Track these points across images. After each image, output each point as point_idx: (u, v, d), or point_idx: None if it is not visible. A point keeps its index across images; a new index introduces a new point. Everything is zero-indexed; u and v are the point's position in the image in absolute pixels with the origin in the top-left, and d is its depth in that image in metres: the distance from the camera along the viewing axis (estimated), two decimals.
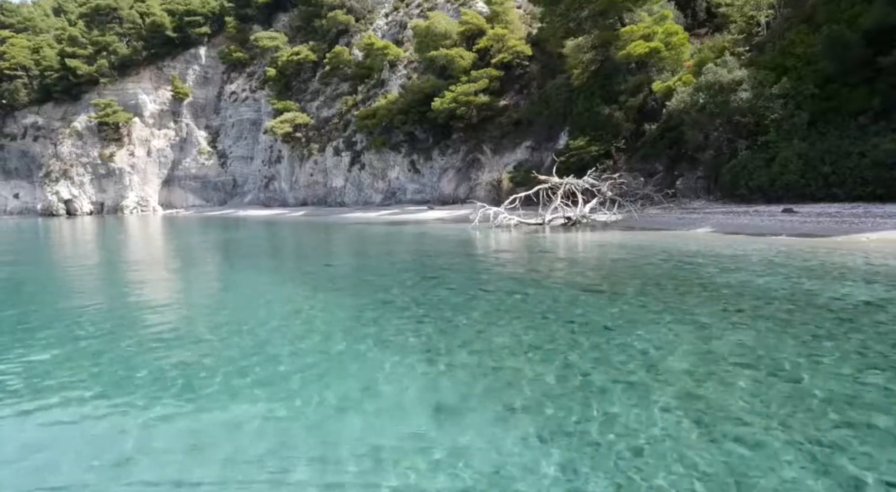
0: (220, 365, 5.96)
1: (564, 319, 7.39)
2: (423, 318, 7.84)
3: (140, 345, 6.89)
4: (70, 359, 6.51)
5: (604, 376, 5.24)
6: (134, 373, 5.83)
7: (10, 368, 6.17)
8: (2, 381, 5.76)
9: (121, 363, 6.18)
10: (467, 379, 5.40)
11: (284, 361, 6.08)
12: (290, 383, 5.44)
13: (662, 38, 25.07)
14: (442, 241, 20.43)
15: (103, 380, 5.76)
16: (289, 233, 29.65)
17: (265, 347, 6.67)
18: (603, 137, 29.34)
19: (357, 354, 6.31)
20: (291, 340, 6.95)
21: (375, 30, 60.65)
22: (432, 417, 4.55)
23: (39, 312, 9.24)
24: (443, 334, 6.97)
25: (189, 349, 6.66)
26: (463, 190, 40.91)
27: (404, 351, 6.30)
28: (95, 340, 7.24)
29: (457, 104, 40.15)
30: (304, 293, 10.02)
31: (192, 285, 11.38)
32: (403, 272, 12.31)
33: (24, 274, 13.90)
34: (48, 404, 5.14)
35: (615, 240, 17.14)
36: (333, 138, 53.02)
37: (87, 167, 73.25)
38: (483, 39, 41.94)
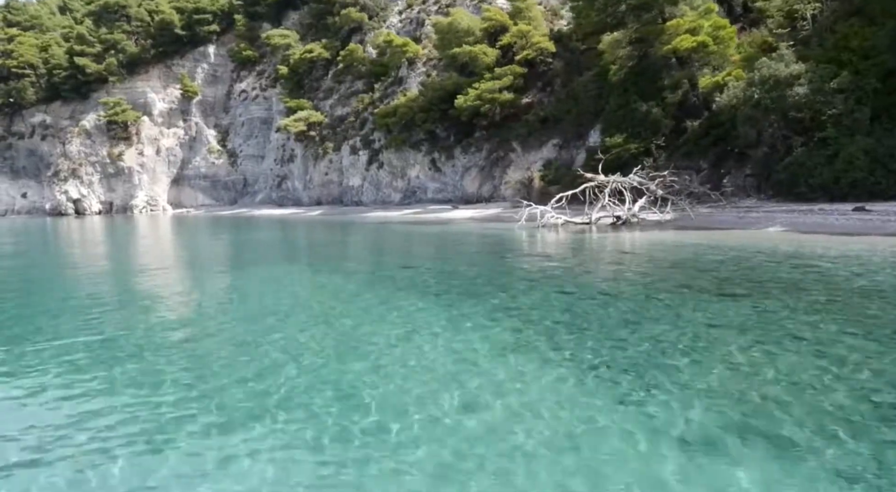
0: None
1: (759, 329, 6.45)
2: (579, 330, 6.90)
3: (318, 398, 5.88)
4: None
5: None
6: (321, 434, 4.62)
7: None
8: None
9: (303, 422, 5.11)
10: (725, 405, 4.45)
11: (488, 401, 5.13)
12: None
13: (710, 32, 24.12)
14: (499, 241, 19.45)
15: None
16: (324, 233, 28.47)
17: (448, 382, 5.71)
18: (641, 135, 28.40)
19: (558, 382, 5.35)
20: (465, 367, 6.00)
21: (389, 27, 59.57)
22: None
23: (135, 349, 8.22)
24: (619, 351, 6.02)
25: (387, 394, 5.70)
26: (487, 189, 39.92)
27: (607, 380, 5.35)
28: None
29: (481, 102, 39.16)
30: (416, 304, 9.04)
31: (295, 301, 9.52)
32: (500, 276, 11.31)
33: (48, 284, 12.78)
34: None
35: (686, 239, 16.19)
36: (350, 137, 51.92)
37: (96, 166, 71.94)
38: (506, 36, 40.90)
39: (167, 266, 15.44)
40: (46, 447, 4.27)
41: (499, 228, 24.27)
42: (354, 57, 57.14)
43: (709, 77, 25.10)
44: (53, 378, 5.79)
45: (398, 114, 43.71)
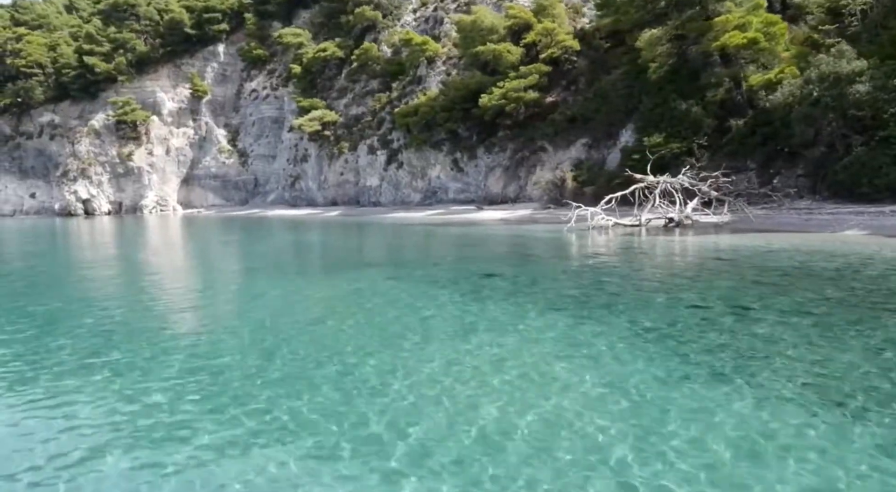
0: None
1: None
2: (751, 353, 5.98)
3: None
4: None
5: None
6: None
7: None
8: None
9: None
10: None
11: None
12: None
13: (760, 28, 23.20)
14: (560, 245, 18.50)
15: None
16: (361, 235, 27.30)
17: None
18: (681, 134, 27.48)
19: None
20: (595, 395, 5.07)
21: (404, 26, 58.58)
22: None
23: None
24: (825, 376, 5.10)
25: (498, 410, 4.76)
26: (512, 189, 38.96)
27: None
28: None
29: (506, 101, 38.19)
30: (550, 321, 8.10)
31: (416, 323, 7.98)
32: (609, 286, 10.36)
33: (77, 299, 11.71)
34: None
35: (756, 243, 15.25)
36: (367, 136, 50.89)
37: (106, 166, 70.76)
38: (531, 34, 39.90)
39: (220, 280, 14.36)
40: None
41: (544, 230, 23.32)
42: (369, 56, 56.12)
43: (759, 75, 24.15)
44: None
45: (419, 113, 42.69)
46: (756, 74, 24.44)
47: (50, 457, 4.28)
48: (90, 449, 4.37)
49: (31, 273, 14.88)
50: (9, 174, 74.65)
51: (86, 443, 4.46)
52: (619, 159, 30.52)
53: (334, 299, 9.93)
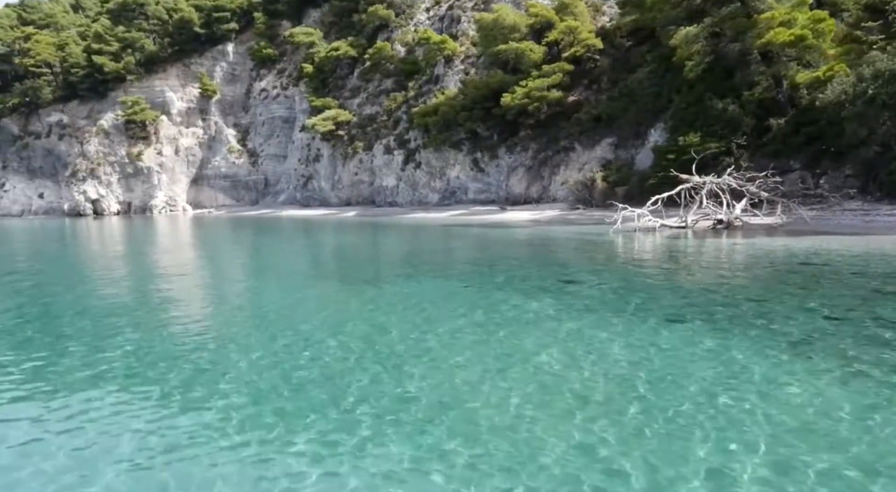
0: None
1: None
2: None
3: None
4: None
5: None
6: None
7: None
8: None
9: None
10: None
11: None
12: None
13: (807, 24, 22.48)
14: (612, 246, 17.78)
15: None
16: (391, 236, 26.51)
17: None
18: (717, 133, 26.76)
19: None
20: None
21: (417, 25, 57.81)
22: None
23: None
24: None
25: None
26: (536, 190, 38.21)
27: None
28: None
29: (529, 100, 37.48)
30: (638, 329, 7.38)
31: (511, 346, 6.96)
32: (705, 294, 9.65)
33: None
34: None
35: (831, 246, 14.52)
36: (382, 136, 50.09)
37: (115, 166, 69.86)
38: (554, 32, 39.19)
39: (253, 290, 13.55)
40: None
41: (586, 231, 22.56)
42: (383, 55, 55.34)
43: (807, 72, 23.40)
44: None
45: (439, 113, 41.91)
46: (802, 72, 23.69)
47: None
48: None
49: (51, 284, 14.07)
50: (17, 174, 73.73)
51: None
52: (652, 159, 29.76)
53: (430, 313, 9.14)
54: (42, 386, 6.05)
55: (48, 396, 5.75)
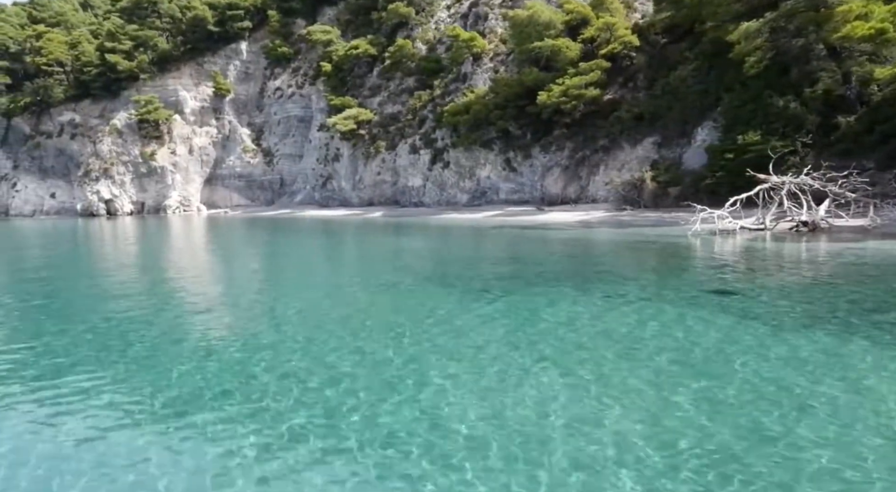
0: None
1: None
2: None
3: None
4: None
5: None
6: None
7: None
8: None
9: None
10: None
11: None
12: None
13: (887, 17, 21.28)
14: (707, 251, 16.52)
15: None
16: (439, 238, 25.16)
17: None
18: (779, 132, 25.57)
19: None
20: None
21: (438, 22, 56.48)
22: None
23: None
24: None
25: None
26: (573, 190, 36.97)
27: None
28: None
29: (566, 98, 36.26)
30: (846, 352, 6.19)
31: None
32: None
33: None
34: None
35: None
36: (407, 135, 48.75)
37: (128, 166, 68.22)
38: (590, 29, 37.96)
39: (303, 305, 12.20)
40: None
41: (654, 234, 21.32)
42: (404, 53, 54.01)
43: (887, 68, 22.19)
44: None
45: (471, 112, 40.59)
46: (881, 68, 22.49)
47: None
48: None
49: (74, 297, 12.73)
50: (29, 174, 72.03)
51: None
52: (706, 159, 28.56)
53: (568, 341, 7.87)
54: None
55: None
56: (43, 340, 8.12)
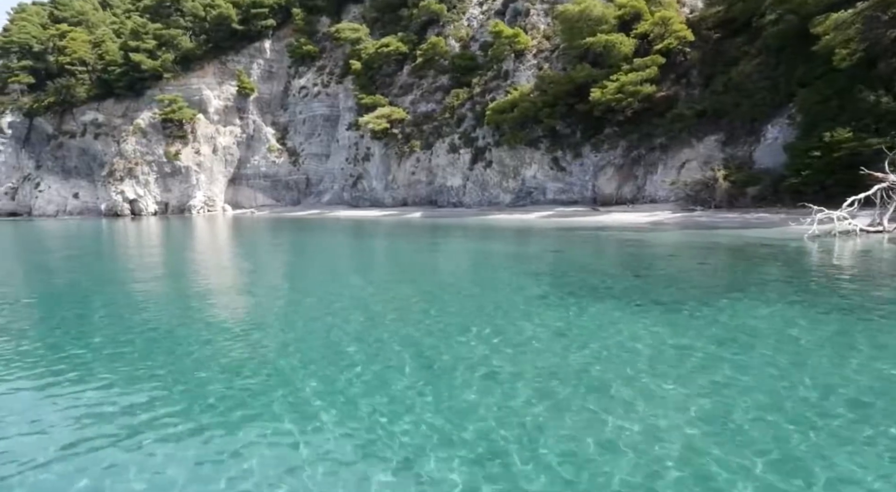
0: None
1: None
2: None
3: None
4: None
5: None
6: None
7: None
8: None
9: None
10: None
11: None
12: None
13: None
14: (851, 256, 14.97)
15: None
16: (517, 242, 23.70)
17: None
18: (869, 127, 23.96)
19: None
20: None
21: (470, 19, 54.88)
22: None
23: None
24: None
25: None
26: (629, 190, 35.38)
27: None
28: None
29: (622, 95, 34.68)
30: None
31: None
32: None
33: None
34: None
35: None
36: (444, 134, 47.14)
37: (153, 166, 66.68)
38: (644, 23, 36.32)
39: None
40: None
41: (754, 236, 19.71)
42: (437, 50, 52.42)
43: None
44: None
45: (518, 109, 38.99)
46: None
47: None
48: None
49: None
50: (52, 174, 70.56)
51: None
52: (783, 157, 26.96)
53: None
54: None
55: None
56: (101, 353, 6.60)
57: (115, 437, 5.01)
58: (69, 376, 6.66)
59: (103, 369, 6.97)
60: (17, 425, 5.30)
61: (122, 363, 7.14)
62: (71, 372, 6.82)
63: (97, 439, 4.99)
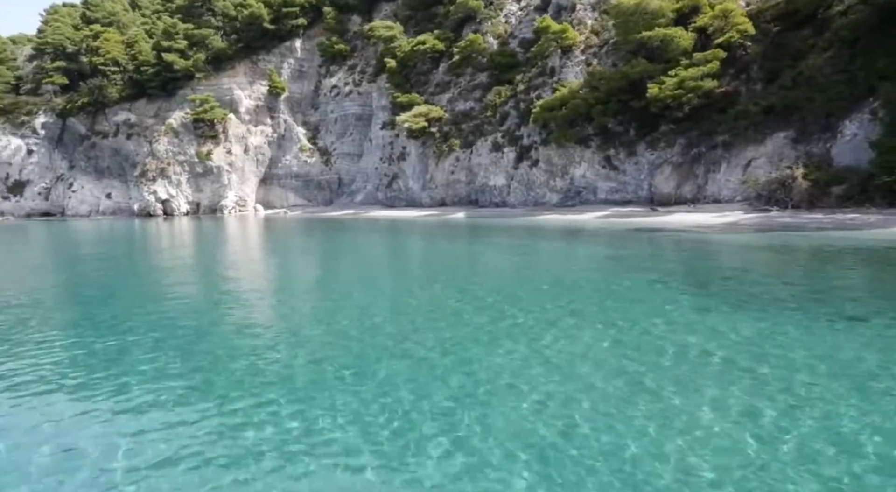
0: None
1: None
2: None
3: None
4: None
5: None
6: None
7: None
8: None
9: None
10: None
11: None
12: None
13: None
14: None
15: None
16: (610, 246, 22.38)
17: None
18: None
19: None
20: None
21: (508, 16, 53.51)
22: None
23: None
24: None
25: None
26: (689, 189, 33.82)
27: None
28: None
29: (682, 91, 33.15)
30: None
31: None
32: None
33: None
34: None
35: None
36: (487, 133, 45.81)
37: (185, 166, 66.11)
38: (703, 16, 34.76)
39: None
40: None
41: (869, 238, 18.20)
42: (475, 48, 51.12)
43: None
44: None
45: (568, 107, 37.56)
46: None
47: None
48: None
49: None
50: (85, 174, 70.29)
51: None
52: (867, 154, 25.31)
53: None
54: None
55: None
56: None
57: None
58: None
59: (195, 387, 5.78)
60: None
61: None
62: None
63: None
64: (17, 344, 8.53)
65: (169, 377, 6.79)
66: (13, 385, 6.65)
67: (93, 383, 6.64)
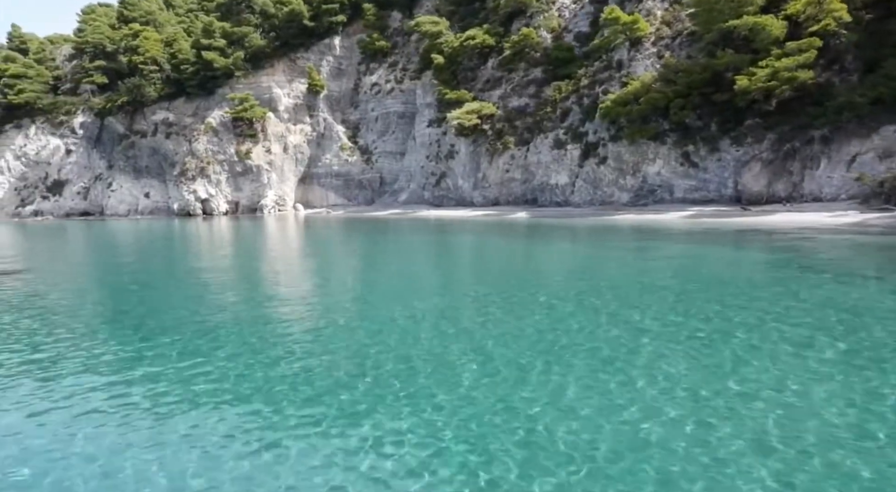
0: None
1: None
2: None
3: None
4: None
5: None
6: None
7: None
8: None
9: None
10: None
11: None
12: None
13: None
14: None
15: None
16: (771, 252, 20.23)
17: None
18: None
19: None
20: None
21: (561, 9, 51.29)
22: None
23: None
24: None
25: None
26: (783, 187, 31.42)
27: None
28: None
29: (776, 82, 30.79)
30: None
31: None
32: None
33: None
34: None
35: None
36: (546, 129, 43.64)
37: (224, 165, 64.66)
38: (796, 3, 32.34)
39: None
40: None
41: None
42: (528, 42, 48.96)
43: None
44: None
45: (644, 101, 35.31)
46: None
47: None
48: None
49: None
50: (123, 174, 69.11)
51: None
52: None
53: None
54: None
55: None
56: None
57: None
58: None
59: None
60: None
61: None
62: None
63: None
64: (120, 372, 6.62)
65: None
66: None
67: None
